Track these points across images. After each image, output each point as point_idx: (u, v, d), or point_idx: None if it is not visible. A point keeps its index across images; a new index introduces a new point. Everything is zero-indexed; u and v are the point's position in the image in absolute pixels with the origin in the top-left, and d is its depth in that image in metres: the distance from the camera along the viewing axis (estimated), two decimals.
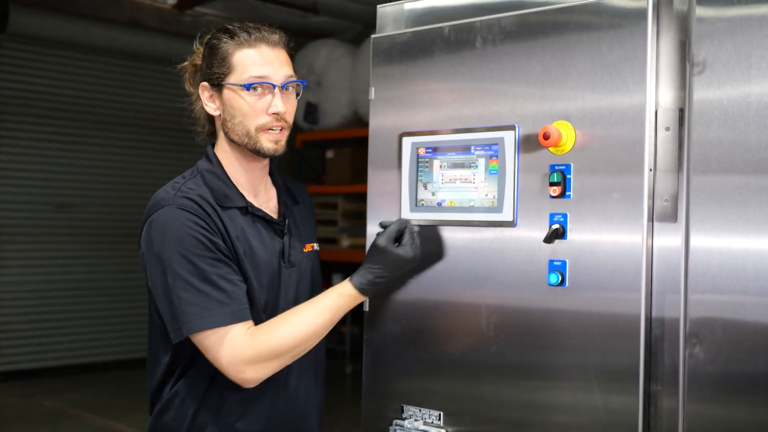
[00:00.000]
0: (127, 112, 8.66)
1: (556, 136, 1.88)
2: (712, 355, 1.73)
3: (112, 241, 8.59)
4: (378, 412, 2.23)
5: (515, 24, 2.00)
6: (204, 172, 2.22)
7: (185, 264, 2.03)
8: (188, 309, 2.02)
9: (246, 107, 2.13)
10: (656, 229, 1.82)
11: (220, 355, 2.03)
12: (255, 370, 2.03)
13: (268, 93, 2.13)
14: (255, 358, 2.02)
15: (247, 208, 2.19)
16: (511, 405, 2.00)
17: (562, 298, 1.92)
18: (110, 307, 8.56)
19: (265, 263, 2.17)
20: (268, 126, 2.14)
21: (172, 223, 2.06)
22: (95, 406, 7.09)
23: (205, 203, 2.11)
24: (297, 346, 2.06)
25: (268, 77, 2.12)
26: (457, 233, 2.09)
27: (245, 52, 2.14)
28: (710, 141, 1.74)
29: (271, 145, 2.15)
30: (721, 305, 1.73)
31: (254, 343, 2.02)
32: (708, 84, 1.75)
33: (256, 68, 2.12)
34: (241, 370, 2.03)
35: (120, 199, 8.63)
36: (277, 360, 2.05)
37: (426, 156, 2.14)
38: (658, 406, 1.82)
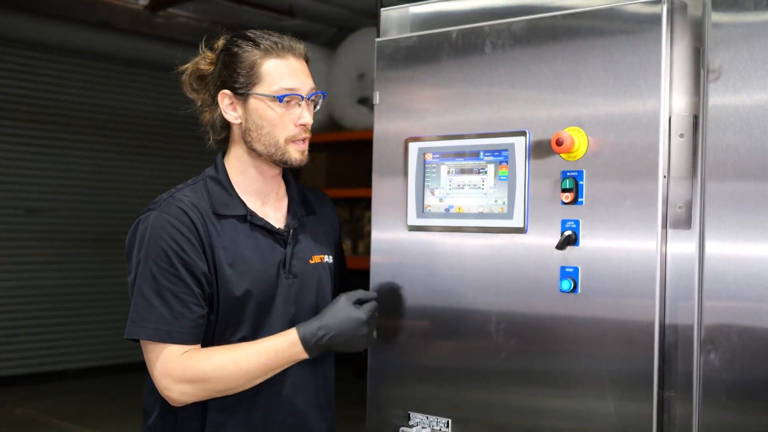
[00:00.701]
0: (99, 115, 8.55)
1: (569, 143, 1.87)
2: (727, 362, 1.74)
3: (83, 246, 8.47)
4: (383, 419, 2.21)
5: (525, 29, 1.99)
6: (208, 178, 2.21)
7: (146, 272, 2.05)
8: (133, 314, 2.07)
9: (276, 118, 2.12)
10: (670, 235, 1.82)
11: (153, 367, 2.08)
12: (180, 392, 2.06)
13: (295, 104, 2.13)
14: (181, 378, 2.04)
15: (246, 217, 2.16)
16: (522, 412, 1.99)
17: (574, 305, 1.91)
18: (82, 313, 8.44)
19: (259, 273, 2.14)
20: (297, 137, 2.14)
21: (150, 230, 2.08)
22: (68, 414, 6.98)
23: (194, 212, 2.10)
24: (224, 379, 2.05)
25: (297, 89, 2.12)
26: (465, 239, 2.08)
27: (274, 62, 2.13)
28: (726, 148, 1.75)
29: (298, 155, 2.16)
30: (736, 312, 1.74)
31: (185, 365, 2.04)
32: (723, 91, 1.75)
33: (286, 80, 2.12)
34: (166, 386, 2.06)
35: (92, 203, 8.52)
36: (202, 387, 2.06)
37: (433, 161, 2.13)
38: (672, 413, 1.82)
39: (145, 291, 2.05)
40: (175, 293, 2.04)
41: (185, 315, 2.04)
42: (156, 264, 2.04)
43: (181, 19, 8.69)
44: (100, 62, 8.45)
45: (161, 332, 2.03)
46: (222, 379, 2.05)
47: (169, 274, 2.04)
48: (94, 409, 7.21)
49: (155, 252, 2.05)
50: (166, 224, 2.06)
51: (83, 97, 8.45)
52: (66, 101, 8.33)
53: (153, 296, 2.04)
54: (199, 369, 2.04)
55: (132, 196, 8.75)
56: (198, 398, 2.08)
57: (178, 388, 2.05)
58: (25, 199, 8.10)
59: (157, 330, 2.03)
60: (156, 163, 8.93)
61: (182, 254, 2.05)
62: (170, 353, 2.04)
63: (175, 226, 2.06)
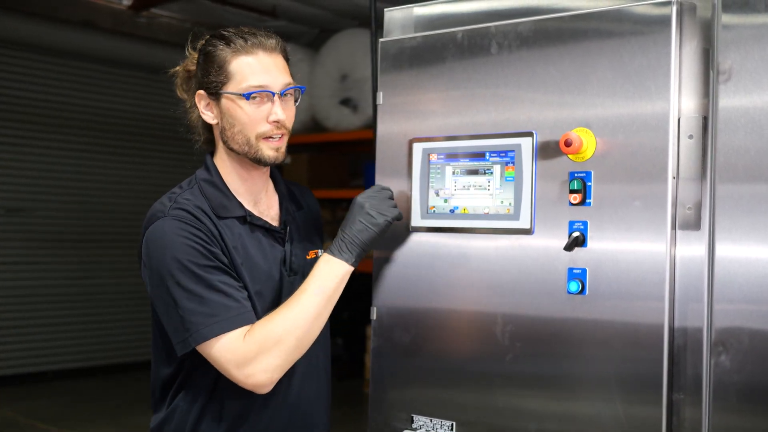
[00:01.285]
0: (80, 115, 8.47)
1: (578, 143, 1.86)
2: (738, 364, 1.73)
3: (64, 246, 8.39)
4: (385, 422, 2.20)
5: (532, 30, 1.99)
6: (201, 182, 2.18)
7: (185, 273, 1.99)
8: (193, 318, 1.98)
9: (245, 117, 2.09)
10: (679, 237, 1.82)
11: (224, 362, 1.99)
12: (263, 370, 1.98)
13: (267, 101, 2.10)
14: (257, 353, 1.97)
15: (246, 218, 2.15)
16: (528, 415, 1.98)
17: (582, 307, 1.90)
18: (62, 314, 8.36)
19: (266, 273, 2.14)
20: (269, 134, 2.11)
21: (168, 235, 2.03)
22: (49, 416, 6.91)
23: (201, 213, 2.08)
24: (294, 329, 2.00)
25: (266, 86, 2.09)
26: (471, 240, 2.07)
27: (243, 59, 2.10)
28: (736, 149, 1.74)
29: (271, 152, 2.12)
30: (747, 315, 1.73)
31: (252, 339, 1.98)
32: (734, 92, 1.75)
33: (254, 77, 2.09)
34: (247, 374, 1.98)
35: (72, 203, 8.44)
36: (278, 350, 1.99)
37: (438, 162, 2.11)
38: (682, 416, 1.81)
39: (195, 291, 1.98)
40: (224, 281, 2.01)
41: (240, 298, 2.02)
42: (192, 263, 2.00)
43: (164, 20, 8.64)
44: (82, 62, 8.37)
45: (232, 320, 1.98)
46: (292, 332, 2.00)
47: (210, 268, 2.01)
48: (76, 411, 7.14)
49: (186, 253, 2.00)
50: (184, 225, 2.03)
51: (64, 97, 8.37)
52: (47, 101, 8.25)
53: (205, 292, 1.99)
54: (267, 335, 1.98)
55: (113, 197, 8.69)
56: (282, 368, 2.01)
57: (260, 366, 1.98)
58: (4, 199, 8.01)
59: (229, 319, 1.98)
60: (137, 163, 8.87)
61: (211, 248, 2.03)
62: (235, 339, 1.98)
63: (193, 225, 2.04)
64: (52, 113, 8.28)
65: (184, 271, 1.99)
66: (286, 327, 1.99)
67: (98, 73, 8.53)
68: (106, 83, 8.63)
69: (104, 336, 8.67)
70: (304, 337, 2.02)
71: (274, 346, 1.98)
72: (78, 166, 8.47)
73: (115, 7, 8.20)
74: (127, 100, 8.81)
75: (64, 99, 8.37)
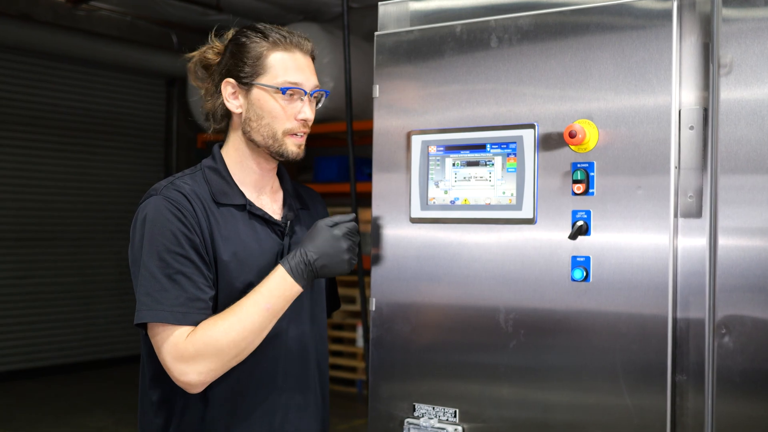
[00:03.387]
0: (20, 110, 8.29)
1: (582, 135, 1.91)
2: (742, 345, 1.80)
3: (6, 245, 8.20)
4: (386, 412, 2.22)
5: (533, 24, 2.03)
6: (206, 168, 2.21)
7: (154, 255, 2.02)
8: (144, 299, 2.02)
9: (277, 110, 2.13)
10: (681, 225, 1.88)
11: (163, 352, 2.02)
12: (197, 372, 2.00)
13: (298, 99, 2.15)
14: (196, 355, 1.99)
15: (245, 206, 2.16)
16: (532, 404, 2.02)
17: (586, 296, 1.95)
18: (5, 314, 8.17)
19: (259, 263, 2.14)
20: (295, 131, 2.16)
21: (153, 214, 2.05)
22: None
23: (195, 198, 2.10)
24: (236, 342, 2.01)
25: (301, 84, 2.14)
26: (472, 231, 2.10)
27: (281, 55, 2.14)
28: (738, 140, 1.81)
29: (295, 149, 2.17)
30: (748, 302, 1.80)
31: (194, 341, 2.00)
32: (735, 85, 1.81)
33: (291, 73, 2.14)
34: (182, 371, 2.00)
35: (15, 201, 8.26)
36: (216, 358, 2.00)
37: (437, 154, 2.14)
38: (685, 401, 1.87)
39: (156, 274, 2.01)
40: (187, 275, 2.02)
41: (198, 296, 2.02)
42: (165, 247, 2.01)
43: (104, 13, 8.49)
44: (19, 55, 8.19)
45: (177, 314, 1.99)
46: (235, 342, 2.01)
47: (179, 256, 2.02)
48: (23, 413, 7.00)
49: (163, 235, 2.02)
50: (171, 206, 2.05)
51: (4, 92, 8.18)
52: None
53: (165, 279, 2.00)
54: (208, 341, 1.99)
55: (54, 194, 8.52)
56: (216, 373, 2.02)
57: (195, 368, 1.99)
58: None
59: (174, 313, 1.99)
60: (78, 159, 8.71)
61: (189, 234, 2.04)
62: (180, 335, 2.00)
63: (180, 209, 2.05)
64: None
65: (153, 250, 2.02)
66: (228, 338, 2.01)
67: (38, 67, 8.37)
68: (46, 77, 8.46)
69: (46, 336, 8.50)
70: (245, 349, 2.05)
71: (213, 355, 2.00)
72: (17, 163, 8.29)
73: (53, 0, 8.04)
74: (68, 95, 8.64)
75: (4, 95, 8.17)
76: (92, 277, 8.85)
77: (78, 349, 8.65)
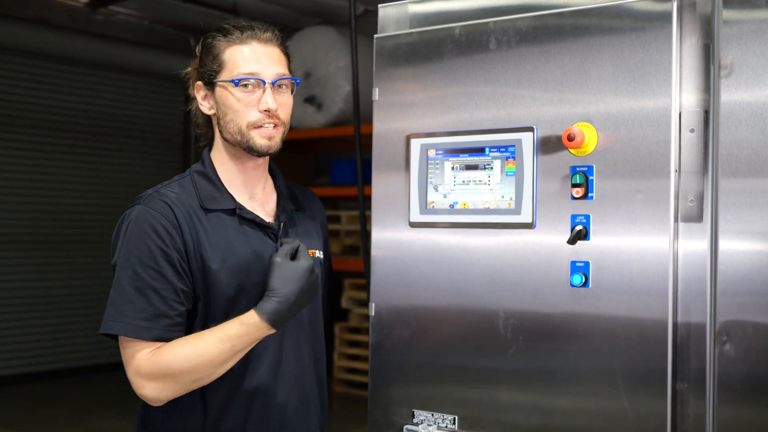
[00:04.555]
0: (34, 114, 8.33)
1: (581, 138, 1.88)
2: (743, 353, 1.77)
3: (21, 248, 8.24)
4: (385, 418, 2.20)
5: (532, 26, 2.00)
6: (195, 173, 2.19)
7: (128, 267, 2.02)
8: (110, 309, 2.02)
9: (236, 103, 2.10)
10: (682, 230, 1.85)
11: (127, 365, 2.03)
12: (153, 389, 2.01)
13: (258, 89, 2.10)
14: (151, 375, 2.00)
15: (235, 210, 2.14)
16: (531, 409, 1.99)
17: (585, 300, 1.92)
18: (18, 317, 8.21)
19: (249, 267, 2.11)
20: (260, 123, 2.11)
21: (133, 224, 2.05)
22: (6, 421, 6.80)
23: (180, 207, 2.08)
24: (192, 371, 2.00)
25: (257, 73, 2.10)
26: (470, 235, 2.08)
27: (236, 48, 2.12)
28: (739, 143, 1.78)
29: (263, 141, 2.12)
30: (750, 307, 1.77)
31: (152, 361, 2.00)
32: (735, 86, 1.78)
33: (246, 65, 2.10)
34: (140, 385, 2.02)
35: (30, 204, 8.30)
36: (173, 381, 2.00)
37: (436, 158, 2.12)
38: (686, 407, 1.84)
39: (125, 286, 2.00)
40: (157, 290, 2.00)
41: (166, 313, 2.01)
42: (139, 259, 2.01)
43: (122, 17, 8.52)
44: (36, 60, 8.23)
45: (139, 328, 1.99)
46: (190, 371, 2.00)
47: (152, 270, 2.01)
48: (33, 416, 7.04)
49: (138, 247, 2.02)
50: (150, 218, 2.03)
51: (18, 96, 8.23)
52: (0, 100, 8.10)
53: (133, 292, 2.00)
54: (164, 364, 1.99)
55: (70, 197, 8.56)
56: (174, 394, 2.02)
57: (150, 385, 2.00)
58: None
59: (135, 327, 1.99)
60: (95, 162, 8.75)
61: (166, 249, 2.02)
62: (142, 351, 2.00)
63: (159, 221, 2.03)
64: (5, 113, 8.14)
65: (127, 262, 2.02)
66: (184, 366, 1.99)
67: (54, 71, 8.40)
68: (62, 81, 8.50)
69: (61, 339, 8.54)
70: (203, 379, 2.03)
71: (169, 378, 2.00)
72: (32, 167, 8.33)
73: (71, 4, 8.07)
74: (84, 98, 8.69)
75: (18, 98, 8.22)
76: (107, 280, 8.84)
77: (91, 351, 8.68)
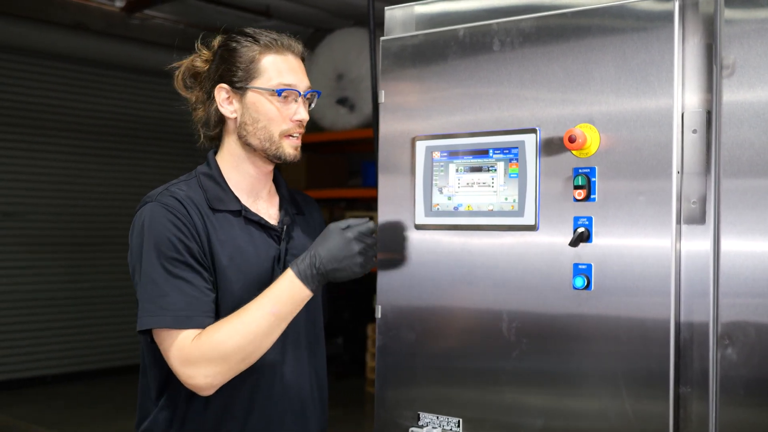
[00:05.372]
0: (72, 117, 8.46)
1: (582, 139, 1.87)
2: (745, 357, 1.74)
3: (59, 250, 8.37)
4: (391, 420, 2.20)
5: (535, 27, 1.99)
6: (200, 174, 2.22)
7: (155, 262, 2.03)
8: (147, 305, 2.02)
9: (273, 112, 2.15)
10: (684, 231, 1.82)
11: (170, 357, 2.02)
12: (204, 375, 2.00)
13: (292, 100, 2.17)
14: (201, 360, 1.99)
15: (241, 212, 2.17)
16: (535, 411, 1.98)
17: (588, 303, 1.90)
18: (58, 318, 8.34)
19: (256, 267, 2.15)
20: (291, 132, 2.18)
21: (150, 221, 2.07)
22: (45, 421, 6.91)
23: (191, 204, 2.10)
24: (241, 347, 2.00)
25: (295, 85, 2.16)
26: (475, 237, 2.07)
27: (273, 57, 2.16)
28: (741, 143, 1.75)
29: (292, 151, 2.19)
30: (753, 308, 1.74)
31: (199, 346, 1.99)
32: (738, 86, 1.75)
33: (285, 75, 2.16)
34: (189, 375, 2.01)
35: (67, 206, 8.43)
36: (224, 363, 2.00)
37: (441, 160, 2.12)
38: (689, 410, 1.81)
39: (156, 280, 2.01)
40: (187, 279, 2.02)
41: (200, 299, 2.02)
42: (163, 253, 2.03)
43: (157, 21, 8.62)
44: (73, 64, 8.36)
45: (180, 318, 2.00)
46: (240, 347, 2.00)
47: (178, 262, 2.03)
48: (73, 415, 7.13)
49: (160, 241, 2.03)
50: (166, 212, 2.06)
51: (57, 100, 8.36)
52: (39, 104, 8.24)
53: (165, 285, 2.01)
54: (214, 345, 1.99)
55: (107, 199, 8.68)
56: (225, 376, 2.02)
57: (201, 372, 1.99)
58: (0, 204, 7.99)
59: (176, 318, 2.00)
60: (130, 165, 8.85)
61: (186, 241, 2.05)
62: (185, 339, 2.00)
63: (177, 215, 2.06)
64: (44, 116, 8.27)
65: (152, 257, 2.03)
66: (233, 342, 2.00)
67: (91, 75, 8.53)
68: (99, 86, 8.62)
69: (98, 340, 8.65)
70: (252, 353, 2.03)
71: (220, 359, 2.00)
72: (71, 169, 8.46)
73: (107, 9, 8.18)
74: (120, 102, 8.80)
75: (57, 102, 8.36)
76: None
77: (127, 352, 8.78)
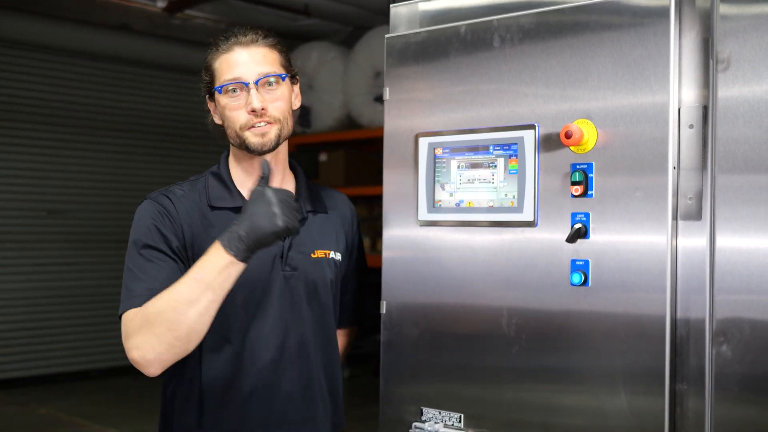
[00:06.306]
0: (117, 117, 8.62)
1: (578, 135, 1.87)
2: (740, 354, 1.72)
3: (104, 247, 8.53)
4: (395, 415, 2.21)
5: (534, 23, 1.99)
6: (210, 174, 2.29)
7: (134, 253, 2.11)
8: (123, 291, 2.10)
9: (227, 110, 2.19)
10: (680, 227, 1.81)
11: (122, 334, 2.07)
12: (136, 347, 2.00)
13: (243, 92, 2.16)
14: (132, 331, 2.01)
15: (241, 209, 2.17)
16: (534, 407, 1.98)
17: (585, 299, 1.90)
18: (103, 313, 8.49)
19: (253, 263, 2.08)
20: (250, 124, 2.16)
21: (138, 216, 2.16)
22: (90, 414, 7.03)
23: (184, 202, 2.17)
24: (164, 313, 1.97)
25: (239, 77, 2.16)
26: (476, 234, 2.08)
27: (222, 57, 2.20)
28: (736, 138, 1.73)
29: (256, 139, 2.17)
30: (748, 305, 1.72)
31: (136, 316, 2.03)
32: (733, 81, 1.74)
33: (229, 71, 2.17)
34: (127, 348, 2.03)
35: (111, 204, 8.58)
36: (150, 330, 1.98)
37: (443, 156, 2.13)
38: (685, 406, 1.81)
39: (131, 267, 2.09)
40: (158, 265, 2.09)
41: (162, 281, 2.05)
42: (141, 242, 2.10)
43: (198, 21, 8.72)
44: (118, 65, 8.50)
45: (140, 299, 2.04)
46: (161, 311, 1.98)
47: (151, 249, 2.10)
48: (117, 409, 7.25)
49: (142, 233, 2.12)
50: (154, 208, 2.14)
51: (102, 100, 8.52)
52: (84, 104, 8.40)
53: (137, 272, 2.08)
54: (142, 314, 2.01)
55: None
56: (155, 349, 1.98)
57: (134, 343, 2.00)
58: (46, 201, 8.17)
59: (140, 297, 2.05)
60: (174, 163, 8.98)
61: (164, 230, 2.11)
62: (130, 314, 2.05)
63: (159, 211, 2.14)
64: (89, 116, 8.43)
65: (132, 248, 2.11)
66: (157, 309, 1.99)
67: (134, 75, 8.67)
68: (142, 85, 8.76)
69: None
70: (177, 320, 1.97)
71: (147, 326, 1.99)
72: (116, 168, 8.61)
73: (149, 9, 8.30)
74: (163, 101, 8.93)
75: (101, 102, 8.51)
76: None
77: None
